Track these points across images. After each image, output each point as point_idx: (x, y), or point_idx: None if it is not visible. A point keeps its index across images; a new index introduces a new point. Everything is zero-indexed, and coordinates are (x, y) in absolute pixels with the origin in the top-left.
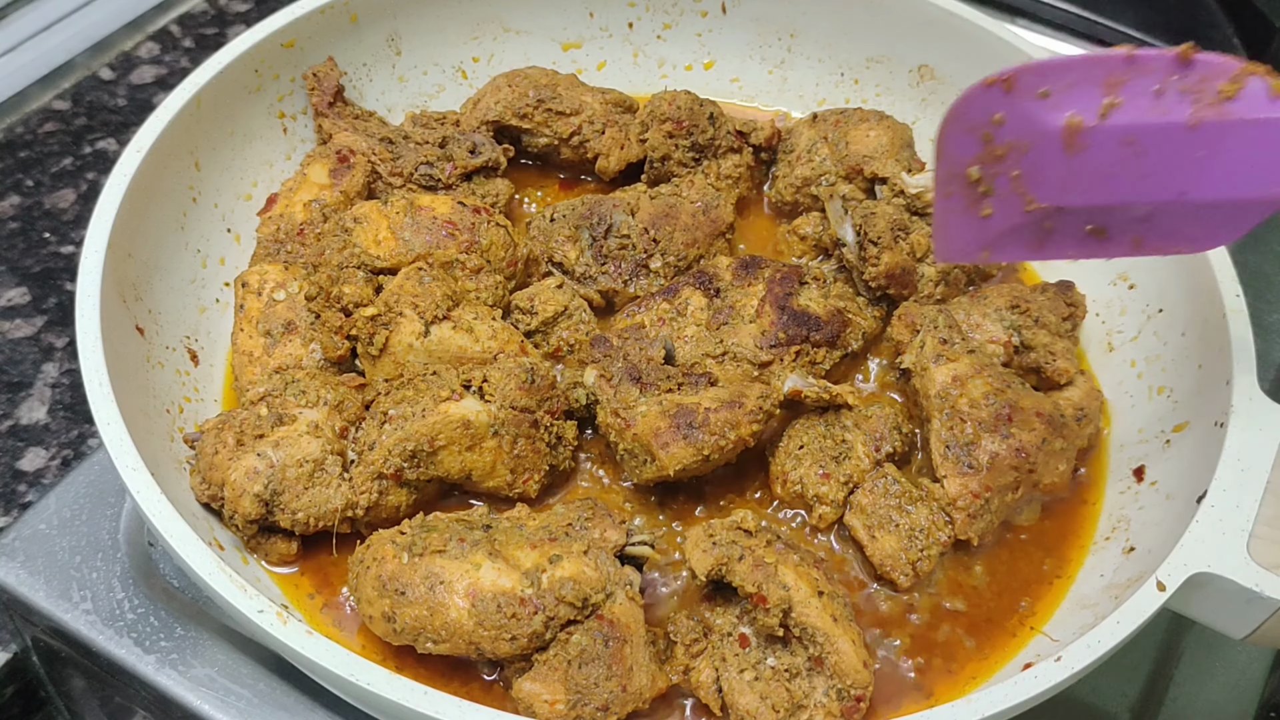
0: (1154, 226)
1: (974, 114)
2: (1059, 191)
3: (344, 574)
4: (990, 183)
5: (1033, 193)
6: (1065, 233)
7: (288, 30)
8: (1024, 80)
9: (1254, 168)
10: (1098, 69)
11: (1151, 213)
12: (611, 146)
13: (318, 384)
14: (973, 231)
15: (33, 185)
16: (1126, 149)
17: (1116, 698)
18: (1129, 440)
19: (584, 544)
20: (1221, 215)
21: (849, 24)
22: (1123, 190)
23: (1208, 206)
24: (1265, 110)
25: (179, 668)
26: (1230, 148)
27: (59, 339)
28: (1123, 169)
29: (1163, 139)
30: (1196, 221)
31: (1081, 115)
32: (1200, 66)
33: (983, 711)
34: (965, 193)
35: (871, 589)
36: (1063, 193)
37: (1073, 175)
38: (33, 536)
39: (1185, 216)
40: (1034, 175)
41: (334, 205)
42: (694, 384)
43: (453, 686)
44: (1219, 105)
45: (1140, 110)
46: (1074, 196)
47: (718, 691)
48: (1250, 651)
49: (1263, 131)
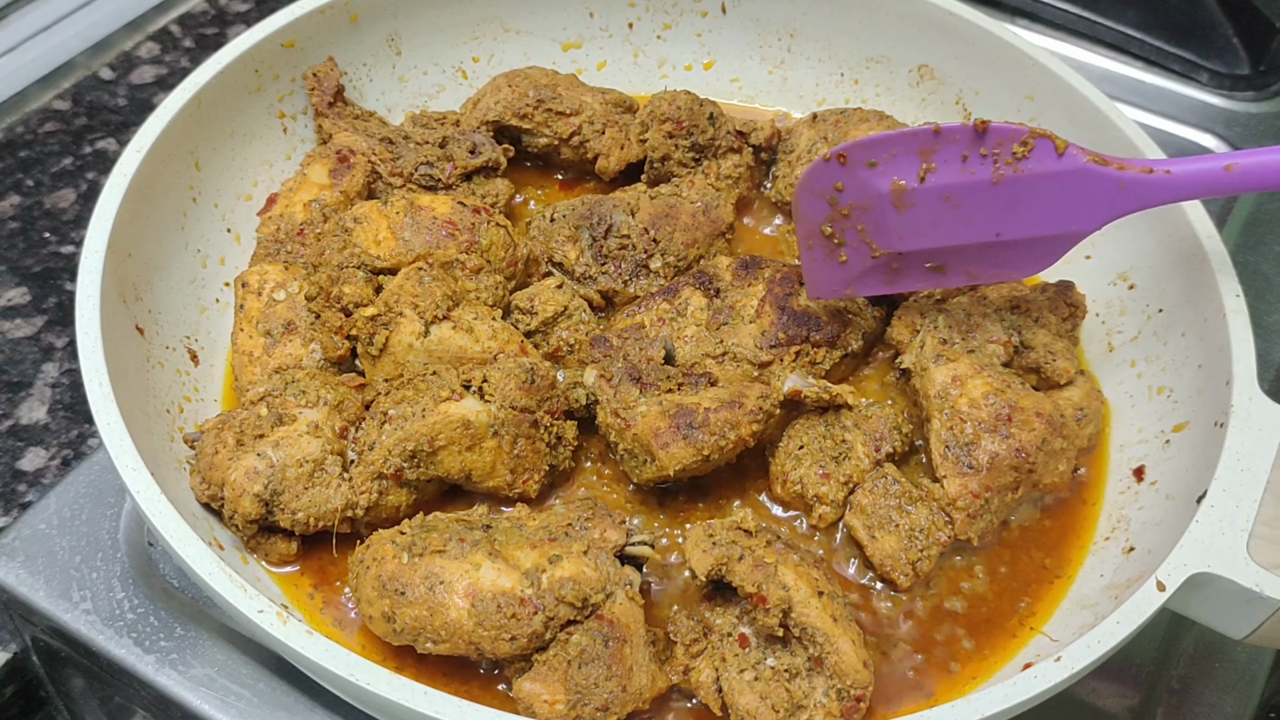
0: (981, 261)
1: (819, 183)
2: (897, 240)
3: (344, 574)
4: (842, 235)
5: (876, 242)
6: (910, 271)
7: (288, 30)
8: (854, 154)
9: (1051, 210)
10: (912, 141)
11: (977, 251)
12: (611, 146)
13: (318, 384)
14: (836, 275)
15: (33, 185)
16: (946, 203)
17: (1116, 698)
18: (1129, 440)
19: (584, 544)
20: (1034, 249)
21: (849, 24)
22: (948, 235)
23: (1021, 243)
24: (1053, 165)
25: (179, 668)
26: (1029, 196)
27: (59, 339)
28: (945, 219)
29: (974, 194)
30: (1015, 255)
31: (904, 180)
32: (995, 134)
33: (983, 711)
34: (823, 245)
35: (872, 589)
36: (900, 240)
37: (905, 227)
38: (33, 536)
39: (1005, 251)
40: (875, 229)
41: (334, 205)
42: (694, 384)
43: (453, 686)
44: (1015, 164)
45: (952, 173)
46: (909, 244)
47: (718, 691)
48: (1250, 651)
49: (1054, 182)
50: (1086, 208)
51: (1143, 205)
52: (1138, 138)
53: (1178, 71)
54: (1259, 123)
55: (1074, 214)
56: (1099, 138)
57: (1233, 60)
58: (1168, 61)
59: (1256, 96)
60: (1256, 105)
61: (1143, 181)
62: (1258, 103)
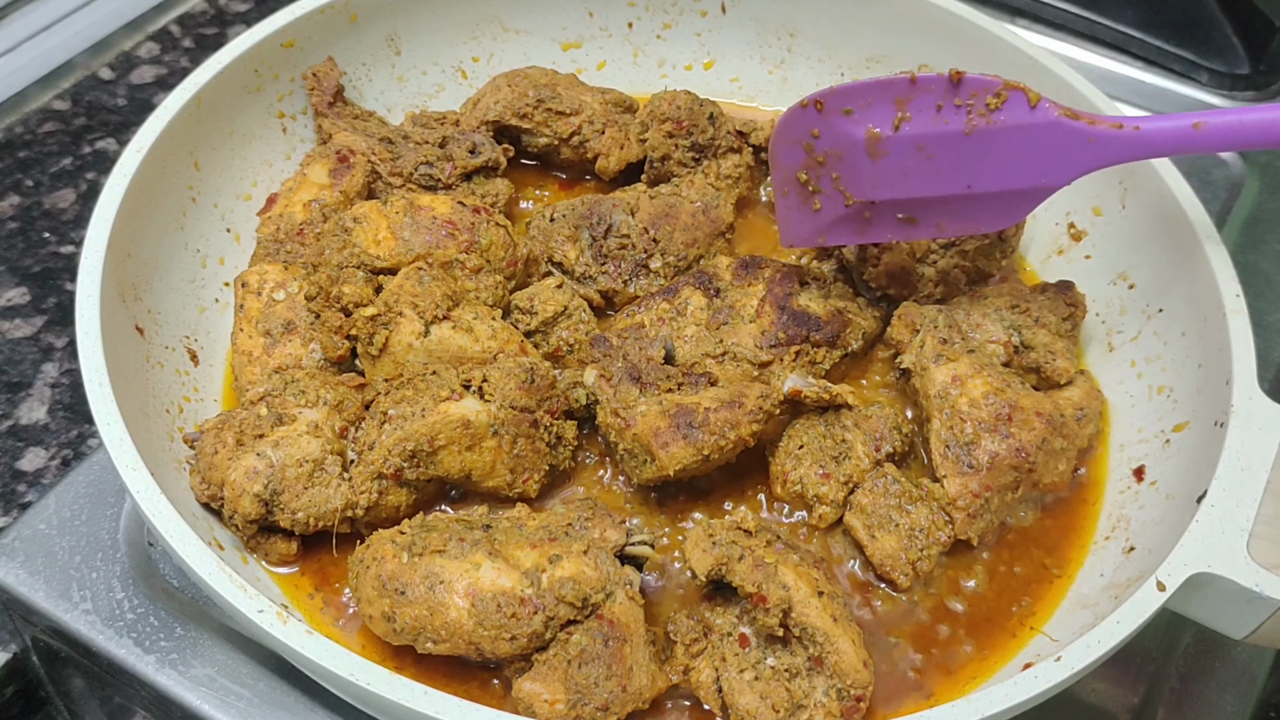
0: (951, 214)
1: (795, 130)
2: (870, 189)
3: (344, 574)
4: (816, 183)
5: (850, 190)
6: (881, 221)
7: (288, 30)
8: (830, 102)
9: (1022, 163)
10: (888, 90)
11: (947, 202)
12: (611, 146)
13: (318, 384)
14: (809, 222)
15: (33, 185)
16: (919, 153)
17: (1116, 698)
18: (1129, 440)
19: (584, 544)
20: (1004, 202)
21: (849, 24)
22: (920, 186)
23: (991, 196)
24: (1026, 118)
25: (179, 668)
26: (1001, 148)
27: (59, 339)
28: (918, 169)
29: (946, 144)
30: (985, 208)
31: (879, 128)
32: (970, 84)
33: (983, 711)
34: (798, 192)
35: (871, 589)
36: (873, 189)
37: (878, 176)
38: (33, 536)
39: (975, 204)
40: (849, 177)
41: (334, 205)
42: (694, 384)
43: (453, 686)
44: (988, 115)
45: (925, 123)
46: (882, 192)
47: (718, 691)
48: (1250, 651)
49: (1026, 134)
50: (1057, 161)
51: (1112, 160)
52: None
53: (1177, 71)
54: None
55: (1044, 167)
56: None
57: (1233, 60)
58: (1167, 61)
59: (1256, 96)
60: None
61: (1113, 136)
62: (1257, 102)
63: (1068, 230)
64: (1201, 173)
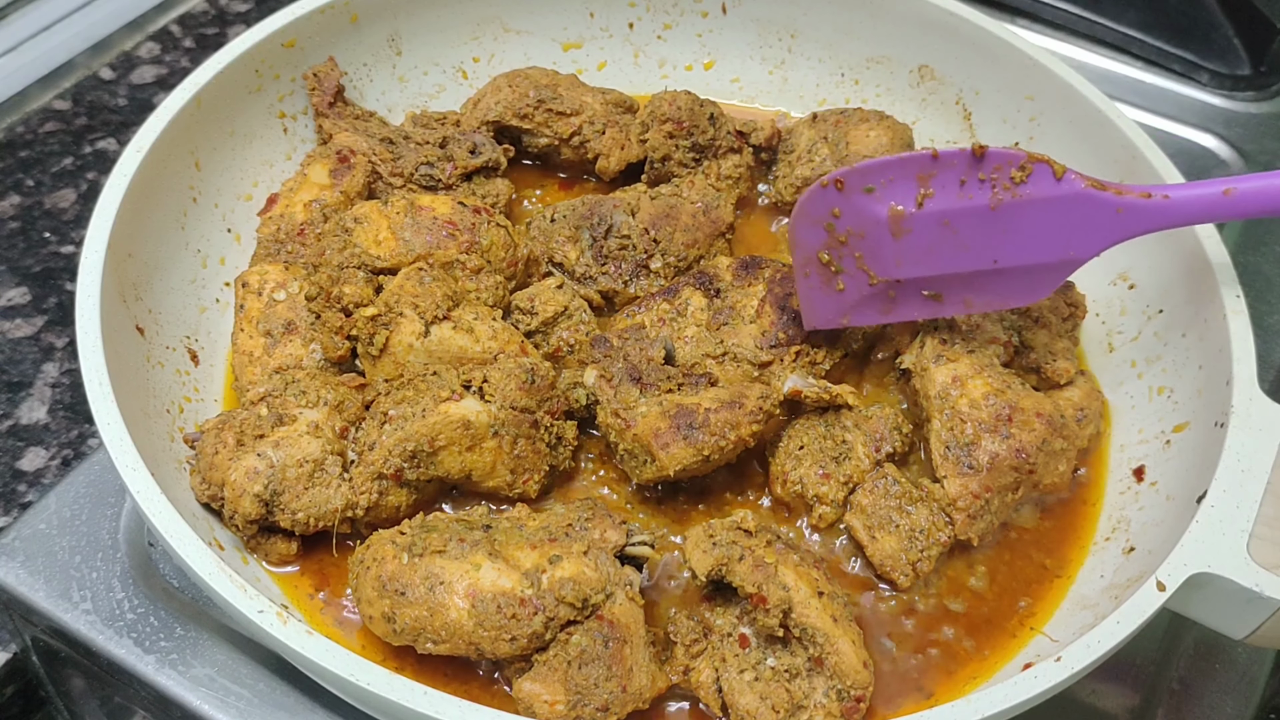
0: (978, 290)
1: (816, 210)
2: (894, 267)
3: (344, 574)
4: (839, 263)
5: (874, 269)
6: (907, 299)
7: (288, 30)
8: (851, 180)
9: (1049, 236)
10: (910, 166)
11: (973, 278)
12: (612, 146)
13: (318, 384)
14: (832, 303)
15: (33, 185)
16: (943, 229)
17: (1116, 698)
18: (1129, 440)
19: (584, 544)
20: (1031, 277)
21: (849, 24)
22: (945, 262)
23: (1018, 270)
24: (1052, 190)
25: (179, 668)
26: (1027, 222)
27: (59, 339)
28: (942, 245)
29: (971, 219)
30: (1012, 283)
31: (902, 205)
32: (993, 158)
33: (983, 711)
34: (820, 273)
35: (871, 589)
36: (897, 268)
37: (902, 254)
38: (33, 536)
39: (1002, 280)
40: (872, 255)
41: (334, 205)
42: (694, 384)
43: (453, 686)
44: (1013, 189)
45: (949, 198)
46: (906, 270)
47: (718, 691)
48: (1250, 651)
49: (1053, 207)
50: (1084, 233)
51: (1141, 230)
52: (1138, 138)
53: (1178, 72)
54: (1259, 123)
55: (1071, 239)
56: (1099, 138)
57: (1233, 60)
58: (1168, 62)
59: (1257, 97)
60: (1257, 105)
61: (1141, 206)
62: (1258, 103)
63: None
64: (1201, 173)
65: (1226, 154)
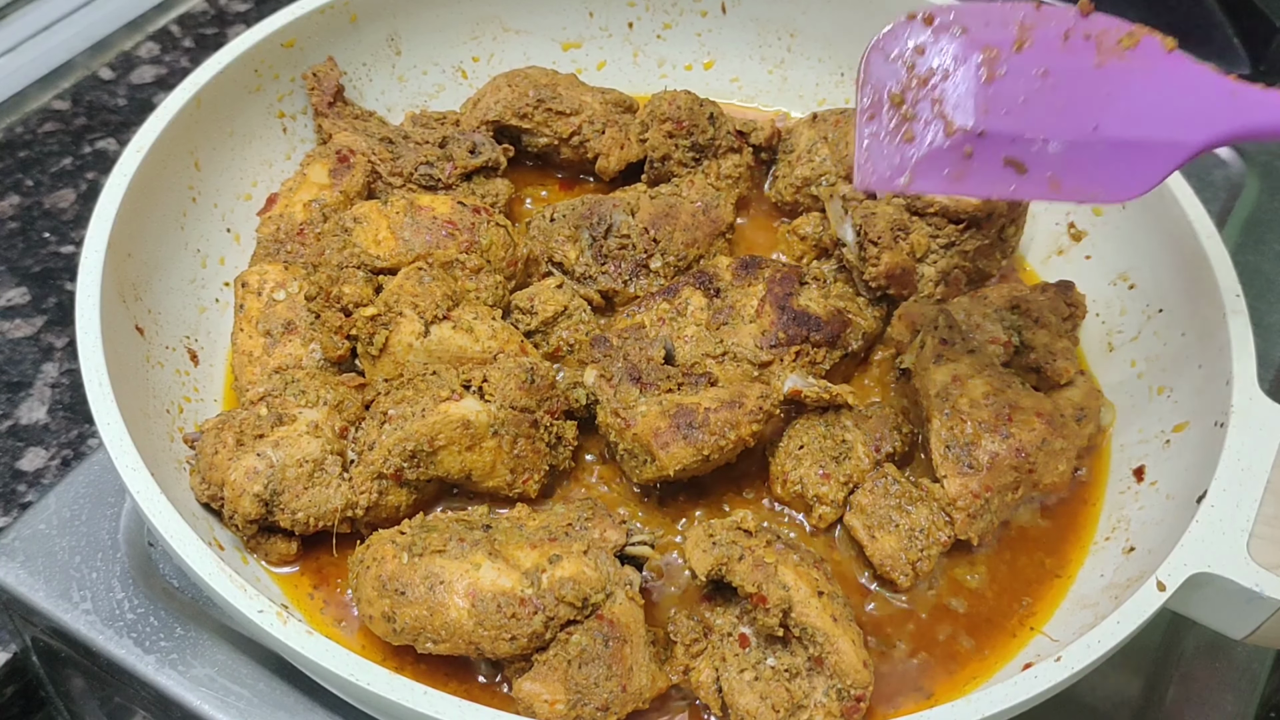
0: (1069, 165)
1: (897, 44)
2: (979, 114)
3: (344, 574)
4: (913, 108)
5: (954, 116)
6: (984, 162)
7: (288, 30)
8: (943, 17)
9: (1157, 109)
10: (1011, 12)
11: (1066, 150)
12: (611, 146)
13: (318, 384)
14: (896, 156)
15: (33, 185)
16: (1041, 80)
17: (1116, 698)
18: (1129, 440)
19: (584, 544)
20: (1130, 160)
21: (849, 24)
22: (1038, 120)
23: (1119, 146)
24: (1162, 60)
25: (179, 668)
26: (1134, 88)
27: (59, 339)
28: (1038, 98)
29: (1073, 74)
30: (1110, 163)
31: (998, 47)
32: (1100, 20)
33: (983, 711)
34: (888, 115)
35: (871, 589)
36: (984, 115)
37: (991, 100)
38: (33, 536)
39: (1099, 157)
40: (955, 99)
41: (334, 205)
42: (694, 384)
43: (452, 686)
44: (1120, 52)
45: (1051, 50)
46: (993, 120)
47: (718, 691)
48: (1250, 651)
49: (1162, 78)
50: (1196, 113)
51: (1252, 126)
52: None
53: None
54: None
55: (1180, 117)
56: None
57: (1233, 60)
58: None
59: None
60: None
61: (1257, 97)
62: None
63: (1068, 230)
64: (1202, 173)
65: (1226, 153)
